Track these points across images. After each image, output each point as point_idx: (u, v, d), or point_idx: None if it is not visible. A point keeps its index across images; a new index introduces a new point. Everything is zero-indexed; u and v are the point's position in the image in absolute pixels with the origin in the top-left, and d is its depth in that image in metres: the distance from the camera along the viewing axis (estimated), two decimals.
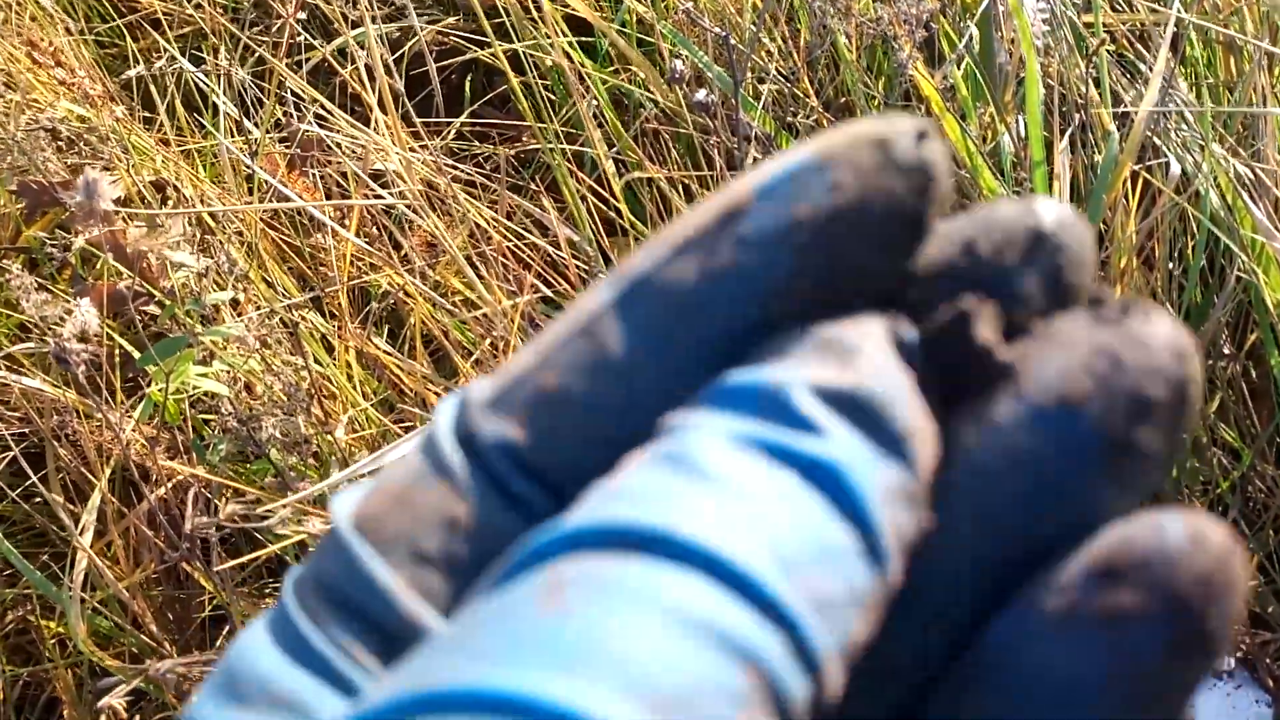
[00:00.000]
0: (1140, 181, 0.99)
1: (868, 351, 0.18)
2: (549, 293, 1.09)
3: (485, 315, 1.01)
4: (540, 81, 1.22)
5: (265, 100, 1.19)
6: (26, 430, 1.03)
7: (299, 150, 1.22)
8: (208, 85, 1.21)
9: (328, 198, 1.20)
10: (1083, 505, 0.17)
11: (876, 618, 0.16)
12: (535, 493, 0.19)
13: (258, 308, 1.04)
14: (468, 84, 1.38)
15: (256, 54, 1.24)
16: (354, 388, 1.04)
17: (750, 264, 0.19)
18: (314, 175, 1.23)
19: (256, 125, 1.19)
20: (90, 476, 0.96)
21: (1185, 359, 0.18)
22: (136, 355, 1.01)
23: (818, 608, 0.15)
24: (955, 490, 0.18)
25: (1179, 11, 0.94)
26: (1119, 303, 0.18)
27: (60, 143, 1.15)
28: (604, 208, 1.11)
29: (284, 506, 0.87)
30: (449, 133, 1.30)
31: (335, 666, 0.18)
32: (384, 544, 0.19)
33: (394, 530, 0.19)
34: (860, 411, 0.17)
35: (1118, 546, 0.17)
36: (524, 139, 1.32)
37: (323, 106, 1.14)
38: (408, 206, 1.05)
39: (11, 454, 0.99)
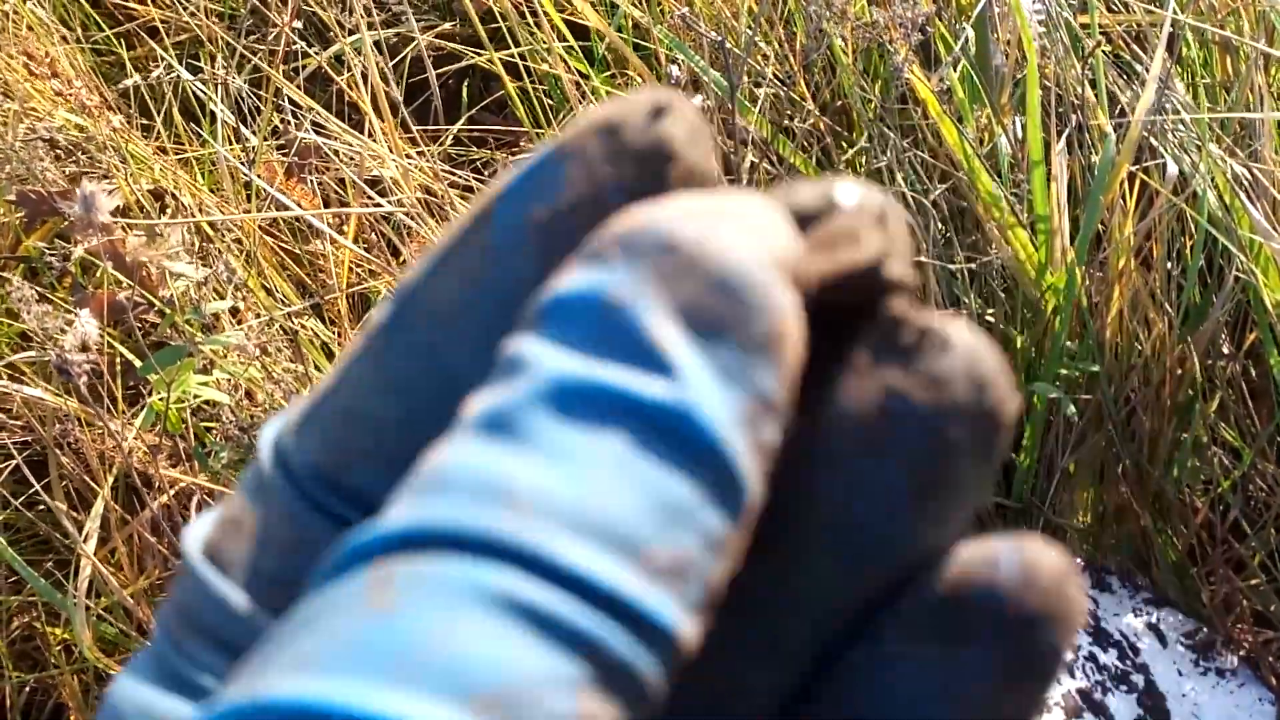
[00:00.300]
0: (1138, 182, 0.99)
1: (726, 236, 0.16)
2: None
3: None
4: (537, 87, 1.22)
5: (262, 108, 1.20)
6: (29, 439, 1.03)
7: (296, 158, 1.22)
8: (205, 94, 1.22)
9: (326, 205, 1.20)
10: (899, 544, 0.17)
11: (738, 548, 0.16)
12: (348, 508, 0.19)
13: (257, 315, 1.04)
14: (464, 90, 1.38)
15: (253, 62, 1.24)
16: None
17: (496, 274, 0.18)
18: (312, 183, 1.23)
19: (254, 133, 1.20)
20: (93, 484, 0.96)
21: (987, 388, 0.17)
22: (137, 364, 1.01)
23: (666, 576, 0.15)
24: (796, 519, 0.17)
25: (1175, 13, 0.94)
26: (916, 329, 0.17)
27: (58, 152, 1.15)
28: None
29: None
30: (446, 139, 1.30)
31: (208, 689, 0.18)
32: (228, 568, 0.19)
33: (233, 554, 0.19)
34: (714, 321, 0.16)
35: (956, 579, 0.17)
36: (522, 144, 1.32)
37: (320, 114, 1.14)
38: (406, 213, 1.05)
39: (14, 462, 0.99)
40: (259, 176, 1.10)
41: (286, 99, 1.18)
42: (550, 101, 1.25)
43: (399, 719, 0.13)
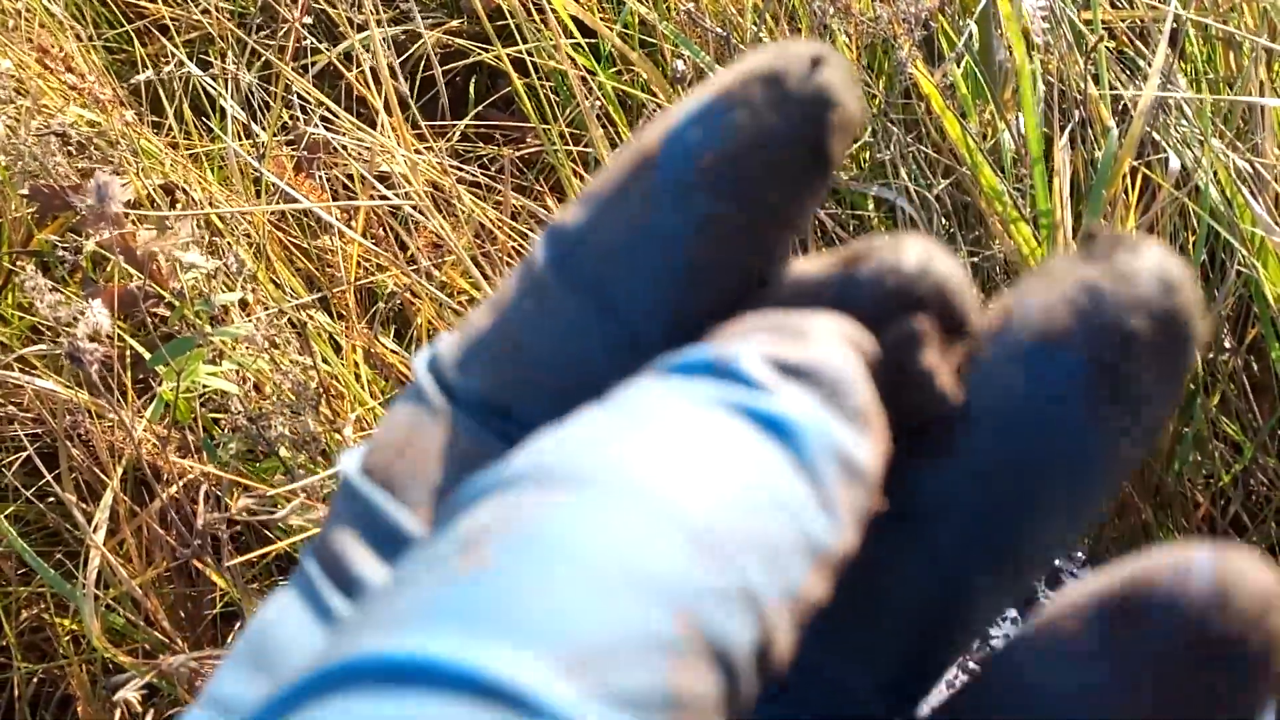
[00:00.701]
0: (1140, 177, 0.99)
1: (821, 335, 0.17)
2: None
3: None
4: (544, 83, 1.23)
5: (272, 104, 1.20)
6: (40, 430, 1.04)
7: (306, 153, 1.23)
8: (215, 89, 1.23)
9: (334, 199, 1.21)
10: (1072, 444, 0.17)
11: (830, 577, 0.15)
12: (522, 433, 0.19)
13: (266, 308, 1.05)
14: (472, 86, 1.39)
15: (263, 58, 1.25)
16: (361, 387, 1.05)
17: (664, 216, 0.19)
18: (320, 177, 1.24)
19: (263, 128, 1.21)
20: (102, 476, 0.97)
21: (1173, 291, 0.17)
22: (147, 356, 1.02)
23: (762, 551, 0.15)
24: (952, 430, 0.17)
25: (1177, 8, 0.94)
26: (1110, 238, 0.18)
27: (70, 147, 1.16)
28: None
29: (294, 496, 0.88)
30: (454, 135, 1.31)
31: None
32: (397, 489, 0.19)
33: (406, 474, 0.19)
34: (814, 382, 0.16)
35: (1137, 580, 0.15)
36: (528, 140, 1.33)
37: (329, 109, 1.15)
38: (413, 207, 1.06)
39: (25, 454, 1.00)
40: (268, 171, 1.11)
41: (296, 94, 1.19)
42: (556, 98, 1.26)
43: (480, 671, 0.13)
